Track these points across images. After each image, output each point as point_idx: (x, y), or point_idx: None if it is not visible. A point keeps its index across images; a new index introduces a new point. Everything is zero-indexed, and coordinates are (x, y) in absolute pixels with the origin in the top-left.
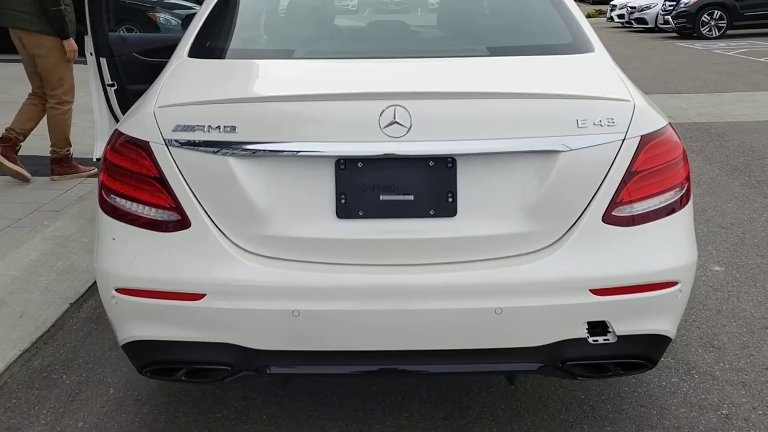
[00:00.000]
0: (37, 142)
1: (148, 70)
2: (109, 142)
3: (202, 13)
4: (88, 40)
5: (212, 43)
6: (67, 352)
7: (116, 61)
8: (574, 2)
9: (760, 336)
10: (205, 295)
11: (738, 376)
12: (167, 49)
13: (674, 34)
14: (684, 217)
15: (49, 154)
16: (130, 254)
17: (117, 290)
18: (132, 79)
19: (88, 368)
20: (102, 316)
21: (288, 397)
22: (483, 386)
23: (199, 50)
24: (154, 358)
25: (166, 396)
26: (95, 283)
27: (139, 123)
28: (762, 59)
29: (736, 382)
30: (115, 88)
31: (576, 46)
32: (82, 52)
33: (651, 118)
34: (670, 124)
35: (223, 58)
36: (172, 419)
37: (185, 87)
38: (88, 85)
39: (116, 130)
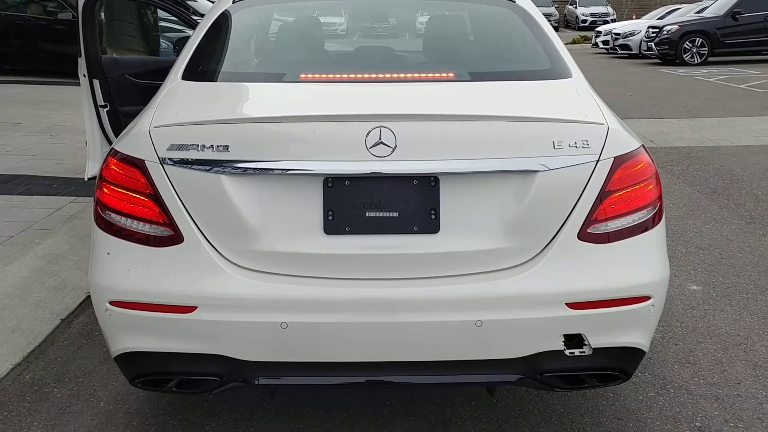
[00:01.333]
0: (28, 162)
1: (140, 91)
2: (105, 161)
3: (195, 38)
4: (81, 62)
5: (205, 66)
6: (58, 367)
7: (109, 83)
8: (553, 30)
9: (734, 352)
10: (196, 307)
11: (712, 391)
12: (159, 72)
13: (657, 61)
14: (656, 234)
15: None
16: (124, 268)
17: (111, 303)
18: (124, 100)
19: (79, 382)
20: (92, 331)
21: (275, 410)
22: (465, 400)
23: (192, 73)
24: (146, 370)
25: (156, 409)
26: (86, 299)
27: (135, 142)
28: (742, 86)
29: (710, 396)
30: (108, 109)
31: (554, 71)
32: (75, 73)
33: (624, 140)
34: (643, 146)
35: (216, 81)
36: (161, 431)
37: (179, 108)
38: (80, 106)
39: (112, 148)
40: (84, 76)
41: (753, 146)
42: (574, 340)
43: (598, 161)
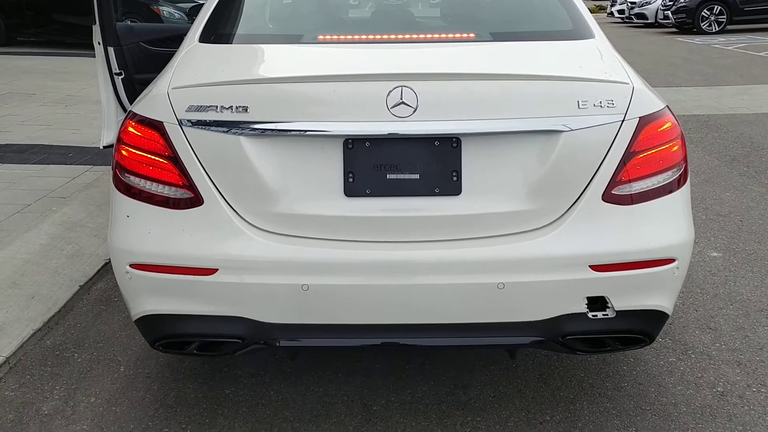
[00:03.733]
0: (43, 132)
1: (155, 59)
2: (122, 123)
3: (212, 2)
4: (96, 30)
5: (222, 30)
6: (78, 332)
7: (124, 50)
8: None
9: (756, 318)
10: (217, 270)
11: (733, 356)
12: (174, 39)
13: (674, 30)
14: (681, 196)
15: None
16: (144, 231)
17: (131, 266)
18: (139, 68)
19: (99, 347)
20: (111, 298)
21: (295, 374)
22: (484, 364)
23: (209, 36)
24: (167, 332)
25: (176, 373)
26: (104, 266)
27: (153, 104)
28: (761, 53)
29: (732, 362)
30: (123, 77)
31: (576, 32)
32: (89, 45)
33: (649, 100)
34: (668, 106)
35: (233, 43)
36: (181, 395)
37: (197, 69)
38: (95, 76)
39: (130, 111)
40: (99, 43)
41: None
42: (597, 302)
43: (623, 121)
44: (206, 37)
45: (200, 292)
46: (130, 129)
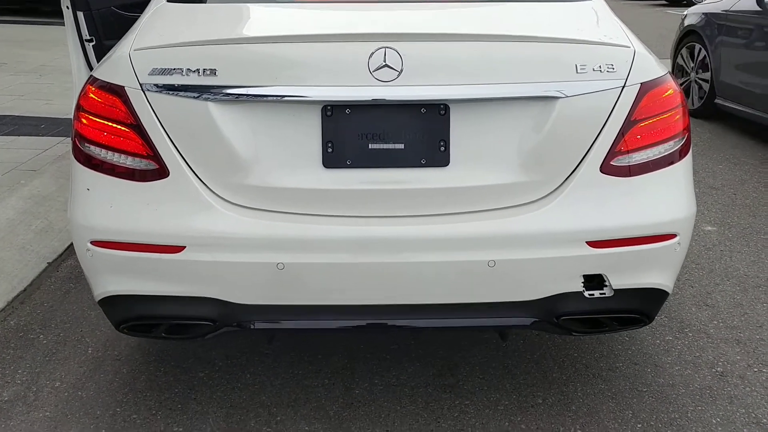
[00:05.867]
0: (14, 102)
1: (128, 24)
2: (83, 89)
3: None
4: None
5: None
6: (45, 312)
7: (94, 15)
8: None
9: (754, 294)
10: (184, 247)
11: (732, 334)
12: (147, 4)
13: (664, 2)
14: (683, 168)
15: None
16: (106, 205)
17: (92, 243)
18: (111, 34)
19: (66, 328)
20: (81, 275)
21: (272, 356)
22: (473, 343)
23: None
24: (132, 314)
25: (147, 356)
26: None
27: (114, 67)
28: None
29: (731, 340)
30: (93, 43)
31: None
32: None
33: (651, 66)
34: (669, 72)
35: (204, 2)
36: (152, 379)
37: (163, 30)
38: (65, 43)
39: (91, 75)
40: (67, 8)
41: None
42: (594, 281)
43: (623, 87)
44: None
45: (167, 272)
46: (90, 95)
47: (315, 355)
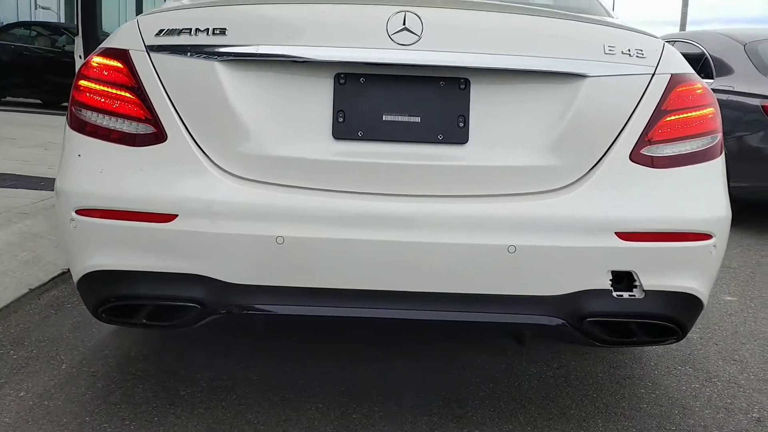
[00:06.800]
0: (19, 165)
1: None
2: (86, 60)
3: None
4: (78, 42)
5: None
6: (19, 332)
7: None
8: None
9: None
10: (176, 216)
11: (766, 386)
12: None
13: None
14: (717, 168)
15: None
16: (96, 170)
17: (77, 212)
18: None
19: (41, 346)
20: (64, 303)
21: (262, 380)
22: (481, 380)
23: None
24: (113, 293)
25: (125, 374)
26: (61, 274)
27: (120, 33)
28: None
29: (765, 391)
30: None
31: None
32: None
33: (681, 61)
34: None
35: None
36: (128, 394)
37: (174, 5)
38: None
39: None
40: (80, 57)
41: None
42: (623, 280)
43: (654, 75)
44: None
45: (155, 243)
46: (92, 62)
47: (309, 381)
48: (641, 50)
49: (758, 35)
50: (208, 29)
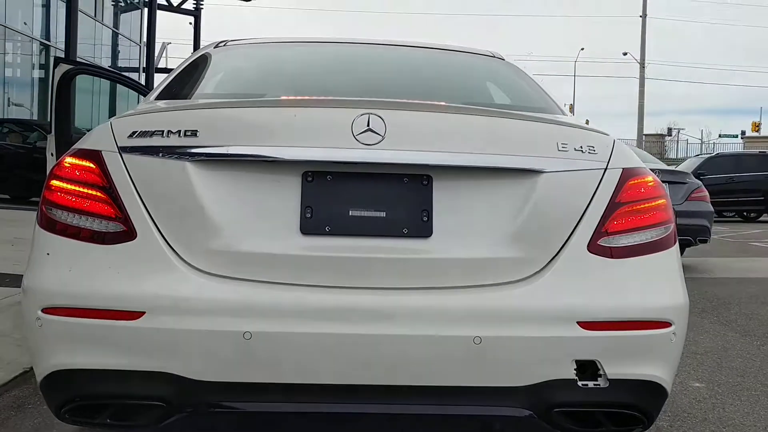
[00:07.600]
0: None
1: None
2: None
3: (173, 73)
4: (51, 140)
5: (180, 90)
6: None
7: None
8: None
9: None
10: (143, 313)
11: None
12: None
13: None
14: (673, 256)
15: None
16: (64, 268)
17: (43, 311)
18: None
19: None
20: (25, 404)
21: None
22: None
23: (166, 95)
24: (76, 393)
25: None
26: (23, 373)
27: (93, 135)
28: (715, 236)
29: None
30: None
31: (549, 110)
32: None
33: (631, 156)
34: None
35: (189, 99)
36: None
37: (147, 108)
38: None
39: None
40: (52, 155)
41: (736, 278)
42: (588, 369)
43: (606, 169)
44: (162, 96)
45: (121, 341)
46: (64, 163)
47: None
48: (593, 146)
49: None
50: (179, 131)
